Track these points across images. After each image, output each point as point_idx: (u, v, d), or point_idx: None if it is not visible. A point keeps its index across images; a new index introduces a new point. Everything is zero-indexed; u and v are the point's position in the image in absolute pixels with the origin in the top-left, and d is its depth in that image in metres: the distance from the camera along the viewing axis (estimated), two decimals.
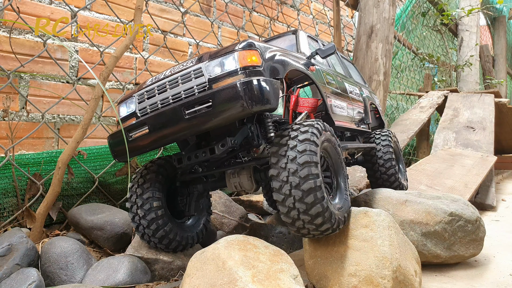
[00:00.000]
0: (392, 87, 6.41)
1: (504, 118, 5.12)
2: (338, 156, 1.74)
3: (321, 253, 1.62)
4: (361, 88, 2.77)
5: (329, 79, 2.11)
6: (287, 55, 1.73)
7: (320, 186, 1.42)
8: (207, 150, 1.65)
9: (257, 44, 1.57)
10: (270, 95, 1.45)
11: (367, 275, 1.49)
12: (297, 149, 1.44)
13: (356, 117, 2.44)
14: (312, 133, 1.50)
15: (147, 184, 1.85)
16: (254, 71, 1.49)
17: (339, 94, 2.18)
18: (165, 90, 1.64)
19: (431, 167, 3.50)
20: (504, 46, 9.02)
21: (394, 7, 4.61)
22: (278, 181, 1.44)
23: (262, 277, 1.35)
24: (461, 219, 2.01)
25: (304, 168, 1.41)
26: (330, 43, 2.01)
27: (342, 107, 2.17)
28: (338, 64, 2.60)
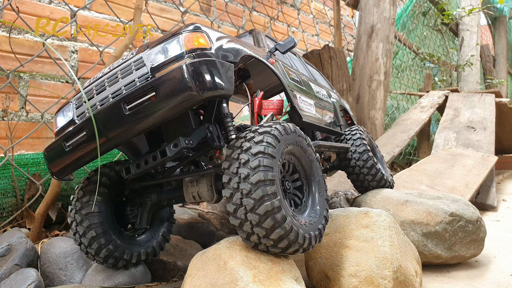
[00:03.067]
0: (392, 87, 6.40)
1: (505, 118, 5.12)
2: (309, 157, 1.58)
3: (322, 253, 1.62)
4: (328, 92, 2.64)
5: (292, 75, 1.98)
6: (240, 43, 1.59)
7: (279, 207, 1.27)
8: (157, 154, 1.45)
9: (204, 27, 1.45)
10: (222, 78, 1.31)
11: (367, 275, 1.48)
12: (250, 165, 1.28)
13: (326, 118, 2.31)
14: (268, 143, 1.33)
15: (86, 197, 1.63)
16: (202, 53, 1.34)
17: (305, 92, 2.04)
18: (104, 89, 1.45)
19: (432, 167, 3.49)
20: (505, 45, 9.02)
21: (394, 7, 4.60)
22: (232, 204, 1.30)
23: (263, 278, 1.35)
24: (461, 220, 2.01)
25: (258, 189, 1.26)
26: (289, 37, 1.91)
27: (309, 104, 2.02)
28: (302, 68, 2.49)
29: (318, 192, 1.58)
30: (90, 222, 1.60)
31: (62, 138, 1.46)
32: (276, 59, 1.91)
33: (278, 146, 1.36)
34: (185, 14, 3.71)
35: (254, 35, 2.09)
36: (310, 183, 1.58)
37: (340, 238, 1.61)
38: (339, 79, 3.96)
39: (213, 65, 1.31)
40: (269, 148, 1.32)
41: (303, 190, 1.56)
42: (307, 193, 1.57)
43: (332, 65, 3.96)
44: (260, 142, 1.34)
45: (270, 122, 1.43)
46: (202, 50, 1.35)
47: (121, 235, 1.71)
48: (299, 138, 1.52)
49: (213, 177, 1.60)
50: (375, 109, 4.43)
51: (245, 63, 1.81)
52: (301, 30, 5.51)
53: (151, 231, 1.86)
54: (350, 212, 1.69)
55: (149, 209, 1.80)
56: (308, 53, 4.07)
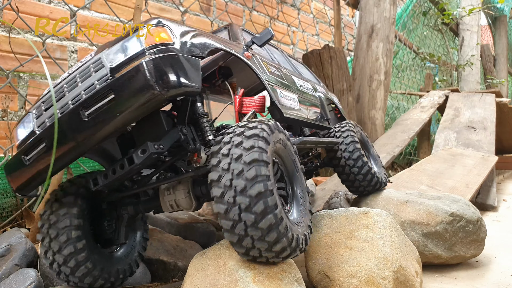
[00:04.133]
0: (393, 86, 6.40)
1: (505, 118, 5.11)
2: (293, 160, 1.50)
3: (322, 254, 1.61)
4: (314, 85, 2.53)
5: (272, 69, 1.88)
6: (209, 36, 1.49)
7: (272, 191, 1.18)
8: (124, 161, 1.33)
9: (166, 21, 1.36)
10: (187, 74, 1.22)
11: (368, 275, 1.48)
12: (243, 146, 1.22)
13: (312, 113, 2.20)
14: (262, 129, 1.28)
15: (63, 209, 1.48)
16: (164, 49, 1.25)
17: (286, 86, 1.94)
18: (63, 95, 1.34)
19: (432, 167, 3.49)
20: (505, 45, 9.01)
21: (394, 6, 4.60)
22: (222, 204, 1.19)
23: (263, 278, 1.34)
24: (462, 220, 2.00)
25: (254, 184, 1.17)
26: (266, 29, 1.81)
27: (292, 99, 1.92)
28: (285, 61, 2.39)
29: (302, 197, 1.49)
30: (67, 237, 1.45)
31: (21, 152, 1.36)
32: (254, 53, 1.82)
33: (270, 141, 1.29)
34: (185, 14, 3.71)
35: (230, 29, 2.01)
36: (293, 184, 1.50)
37: (340, 238, 1.61)
38: (339, 79, 3.96)
39: (177, 60, 1.22)
40: (264, 133, 1.27)
41: (288, 194, 1.47)
42: (291, 194, 1.49)
43: (332, 65, 3.96)
44: (255, 128, 1.27)
45: (259, 118, 1.36)
46: (165, 46, 1.26)
47: (99, 252, 1.56)
48: (285, 138, 1.44)
49: (190, 182, 1.49)
50: (375, 109, 4.43)
51: (225, 60, 1.74)
52: (301, 30, 5.51)
53: (128, 245, 1.71)
54: (350, 212, 1.69)
55: (127, 222, 1.67)
56: (308, 53, 4.07)
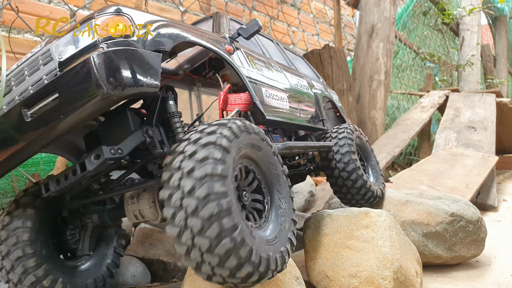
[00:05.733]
0: (393, 86, 6.40)
1: (505, 118, 5.11)
2: (273, 167, 1.34)
3: (322, 254, 1.61)
4: (310, 82, 2.36)
5: (259, 65, 1.74)
6: (181, 27, 1.34)
7: (229, 210, 1.02)
8: (77, 167, 1.21)
9: (128, 9, 1.20)
10: (143, 72, 1.08)
11: (368, 276, 1.48)
12: (196, 157, 1.05)
13: (304, 113, 2.04)
14: (221, 134, 1.11)
15: (14, 223, 1.36)
16: (120, 42, 1.10)
17: (275, 83, 1.82)
18: (10, 90, 1.20)
19: (432, 167, 3.49)
20: (506, 45, 9.00)
21: (395, 6, 4.60)
22: (174, 227, 1.04)
23: None
24: (462, 220, 2.00)
25: (206, 205, 1.00)
26: (253, 20, 1.67)
27: (281, 98, 1.77)
28: (278, 55, 2.22)
29: (284, 208, 1.34)
30: (19, 254, 1.33)
31: None
32: (239, 46, 1.70)
33: (231, 148, 1.12)
34: (185, 14, 3.71)
35: (215, 18, 1.85)
36: (273, 193, 1.34)
37: (341, 238, 1.61)
38: (339, 79, 3.96)
39: (132, 55, 1.08)
40: (223, 139, 1.10)
41: (264, 202, 1.33)
42: (269, 206, 1.33)
43: (332, 64, 3.95)
44: (212, 133, 1.11)
45: (222, 120, 1.21)
46: (121, 38, 1.11)
47: (61, 265, 1.44)
48: (257, 139, 1.28)
49: (156, 191, 1.35)
50: (375, 109, 4.43)
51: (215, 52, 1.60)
52: (301, 30, 5.50)
53: (97, 257, 1.57)
54: (350, 212, 1.68)
55: (92, 232, 1.53)
56: (309, 52, 4.07)
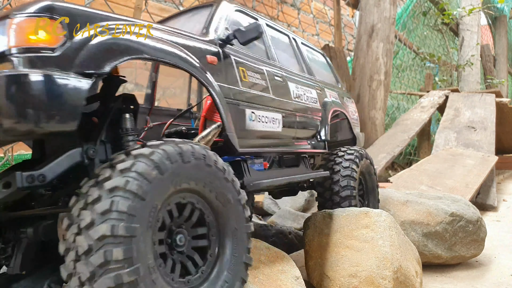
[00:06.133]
0: (393, 86, 6.40)
1: (505, 118, 5.11)
2: (227, 207, 1.12)
3: (322, 254, 1.61)
4: (323, 91, 2.10)
5: (252, 79, 1.49)
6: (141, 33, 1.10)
7: (134, 283, 0.84)
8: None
9: (65, 6, 0.95)
10: (53, 108, 0.86)
11: (367, 275, 1.48)
12: (97, 208, 0.86)
13: (302, 132, 1.82)
14: (136, 173, 0.90)
15: None
16: (37, 58, 0.88)
17: (267, 102, 1.56)
18: None
19: (432, 167, 3.49)
20: (505, 45, 9.00)
21: (395, 6, 4.60)
22: (65, 268, 0.89)
23: (263, 278, 1.35)
24: (462, 220, 2.01)
25: (100, 250, 0.83)
26: (253, 23, 1.41)
27: (272, 120, 1.54)
28: (290, 57, 1.96)
29: (233, 253, 1.12)
30: None
31: None
32: (234, 50, 1.47)
33: (148, 193, 0.91)
34: None
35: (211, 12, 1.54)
36: (224, 241, 1.12)
37: (340, 238, 1.61)
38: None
39: (42, 83, 0.85)
40: (134, 183, 0.89)
41: (208, 250, 1.11)
42: (214, 255, 1.11)
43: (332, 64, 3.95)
44: (115, 190, 0.88)
45: (143, 149, 0.98)
46: (40, 51, 0.88)
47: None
48: (210, 170, 1.07)
49: None
50: (375, 109, 4.42)
51: None
52: (301, 30, 5.50)
53: (31, 280, 1.33)
54: (350, 212, 1.69)
55: (27, 248, 1.30)
56: None
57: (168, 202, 1.01)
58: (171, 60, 1.16)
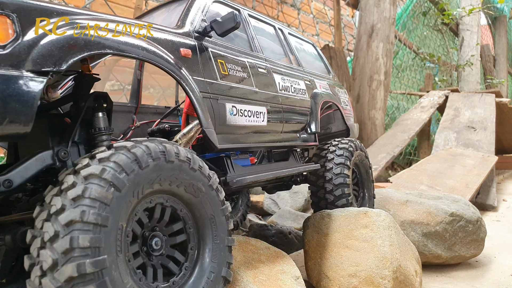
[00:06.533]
0: (393, 86, 6.40)
1: (505, 118, 5.11)
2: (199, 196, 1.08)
3: (321, 254, 1.62)
4: (312, 82, 2.03)
5: (231, 71, 1.43)
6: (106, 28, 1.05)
7: (101, 273, 0.81)
8: None
9: (10, 1, 0.87)
10: (8, 106, 0.81)
11: (367, 275, 1.48)
12: (60, 220, 0.82)
13: (290, 126, 1.76)
14: (99, 181, 0.85)
15: None
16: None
17: (250, 95, 1.49)
18: None
19: (432, 167, 3.49)
20: (505, 45, 9.01)
21: (394, 7, 4.60)
22: (29, 257, 0.86)
23: (263, 278, 1.35)
24: (462, 220, 2.01)
25: (67, 235, 0.81)
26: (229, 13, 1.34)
27: (255, 114, 1.49)
28: (276, 47, 1.90)
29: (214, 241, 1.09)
30: None
31: None
32: (212, 42, 1.41)
33: (114, 210, 0.86)
34: None
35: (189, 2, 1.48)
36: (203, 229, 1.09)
37: (340, 238, 1.61)
38: (339, 79, 3.96)
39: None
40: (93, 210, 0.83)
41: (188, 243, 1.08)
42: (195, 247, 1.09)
43: (332, 65, 3.96)
44: (78, 199, 0.83)
45: (107, 152, 0.93)
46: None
47: None
48: (172, 166, 1.01)
49: None
50: (375, 109, 4.43)
51: None
52: (301, 30, 5.50)
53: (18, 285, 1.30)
54: (349, 212, 1.69)
55: (6, 255, 1.26)
56: None
57: (135, 213, 0.96)
58: (138, 54, 1.09)
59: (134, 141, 0.98)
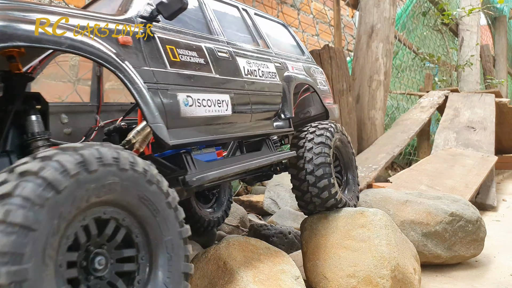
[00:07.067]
0: (392, 87, 6.40)
1: (504, 118, 5.12)
2: (157, 216, 0.96)
3: (320, 255, 1.62)
4: (283, 64, 1.91)
5: (183, 57, 1.30)
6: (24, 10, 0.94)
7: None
8: None
9: None
10: None
11: (365, 275, 1.48)
12: None
13: (260, 113, 1.65)
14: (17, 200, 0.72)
15: None
16: None
17: (208, 82, 1.36)
18: None
19: (432, 167, 3.49)
20: (505, 45, 9.01)
21: (394, 7, 4.60)
22: None
23: (263, 278, 1.35)
24: (461, 219, 2.01)
25: None
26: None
27: (216, 102, 1.37)
28: (241, 28, 1.80)
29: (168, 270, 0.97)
30: None
31: None
32: (161, 27, 1.31)
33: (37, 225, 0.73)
34: None
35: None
36: (156, 258, 0.97)
37: (337, 238, 1.61)
38: (339, 79, 3.96)
39: None
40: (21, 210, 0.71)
41: (137, 275, 0.95)
42: (143, 281, 0.95)
43: (332, 65, 3.96)
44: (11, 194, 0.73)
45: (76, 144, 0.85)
46: None
47: None
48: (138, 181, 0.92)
49: None
50: (375, 109, 4.43)
51: None
52: (301, 30, 5.51)
53: None
54: (346, 212, 1.69)
55: None
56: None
57: (83, 216, 0.85)
58: (58, 44, 0.97)
59: (85, 143, 0.88)
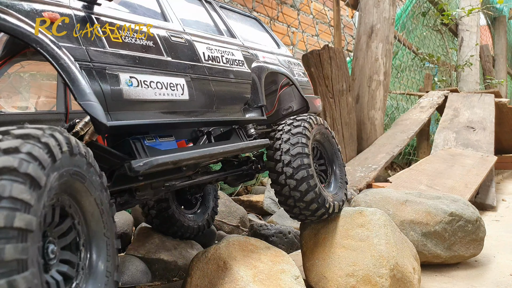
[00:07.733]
0: (392, 87, 6.41)
1: (504, 118, 5.12)
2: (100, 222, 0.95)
3: (319, 255, 1.62)
4: (253, 53, 1.90)
5: (126, 38, 1.28)
6: None
7: None
8: None
9: None
10: None
11: (364, 274, 1.49)
12: None
13: (225, 100, 1.60)
14: None
15: None
16: None
17: (158, 64, 1.33)
18: None
19: (431, 167, 3.50)
20: (504, 46, 9.02)
21: (394, 7, 4.61)
22: None
23: (263, 277, 1.36)
24: (461, 219, 2.01)
25: None
26: None
27: (169, 85, 1.33)
28: (202, 18, 1.80)
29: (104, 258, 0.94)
30: None
31: None
32: (103, 10, 1.27)
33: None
34: None
35: None
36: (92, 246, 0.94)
37: (336, 238, 1.62)
38: (338, 79, 3.97)
39: None
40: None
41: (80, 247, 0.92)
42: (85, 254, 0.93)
43: (331, 65, 3.96)
44: None
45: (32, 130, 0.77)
46: None
47: None
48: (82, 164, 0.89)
49: None
50: (374, 109, 4.44)
51: None
52: (301, 31, 5.51)
53: None
54: (345, 212, 1.70)
55: None
56: (308, 53, 4.07)
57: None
58: None
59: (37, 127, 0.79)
